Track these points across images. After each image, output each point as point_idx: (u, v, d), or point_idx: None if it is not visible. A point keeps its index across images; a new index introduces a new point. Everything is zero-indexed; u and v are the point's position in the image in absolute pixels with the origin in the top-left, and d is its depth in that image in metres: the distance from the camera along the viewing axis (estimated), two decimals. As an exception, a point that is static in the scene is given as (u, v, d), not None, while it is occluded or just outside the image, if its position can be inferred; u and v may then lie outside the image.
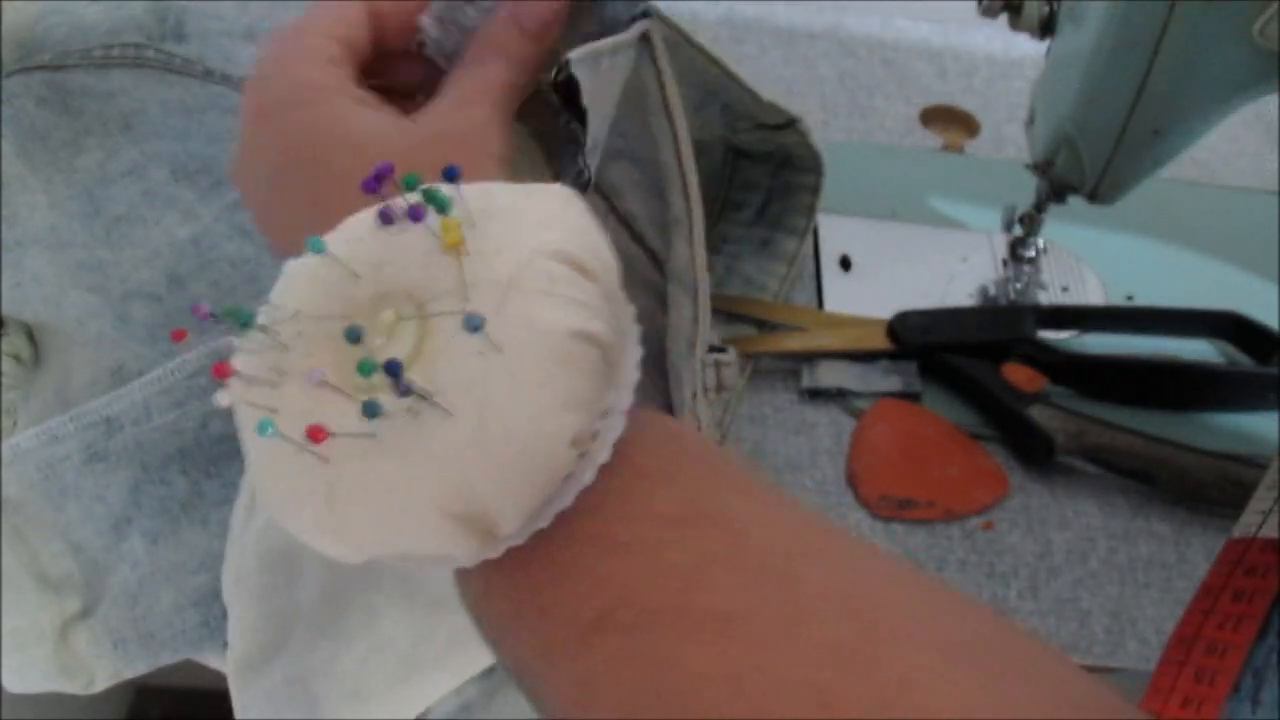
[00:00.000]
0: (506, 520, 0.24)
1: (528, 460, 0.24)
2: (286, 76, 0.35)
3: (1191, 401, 0.59)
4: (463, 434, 0.23)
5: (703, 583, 0.24)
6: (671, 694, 0.23)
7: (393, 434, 0.24)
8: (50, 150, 0.53)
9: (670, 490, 0.26)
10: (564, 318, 0.24)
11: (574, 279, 0.25)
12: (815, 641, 0.22)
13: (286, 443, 0.24)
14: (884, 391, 0.58)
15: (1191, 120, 0.50)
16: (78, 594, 0.45)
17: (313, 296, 0.26)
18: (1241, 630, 0.37)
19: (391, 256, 0.26)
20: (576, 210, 0.27)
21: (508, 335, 0.24)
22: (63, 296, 0.50)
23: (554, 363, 0.24)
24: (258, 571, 0.43)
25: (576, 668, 0.25)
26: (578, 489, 0.25)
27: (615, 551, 0.25)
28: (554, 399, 0.24)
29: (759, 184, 0.61)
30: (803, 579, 0.24)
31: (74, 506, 0.46)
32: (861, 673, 0.22)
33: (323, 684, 0.42)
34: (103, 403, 0.46)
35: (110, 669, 0.45)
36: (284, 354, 0.26)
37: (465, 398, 0.23)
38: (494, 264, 0.25)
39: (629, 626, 0.24)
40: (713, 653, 0.23)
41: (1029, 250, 0.62)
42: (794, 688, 0.22)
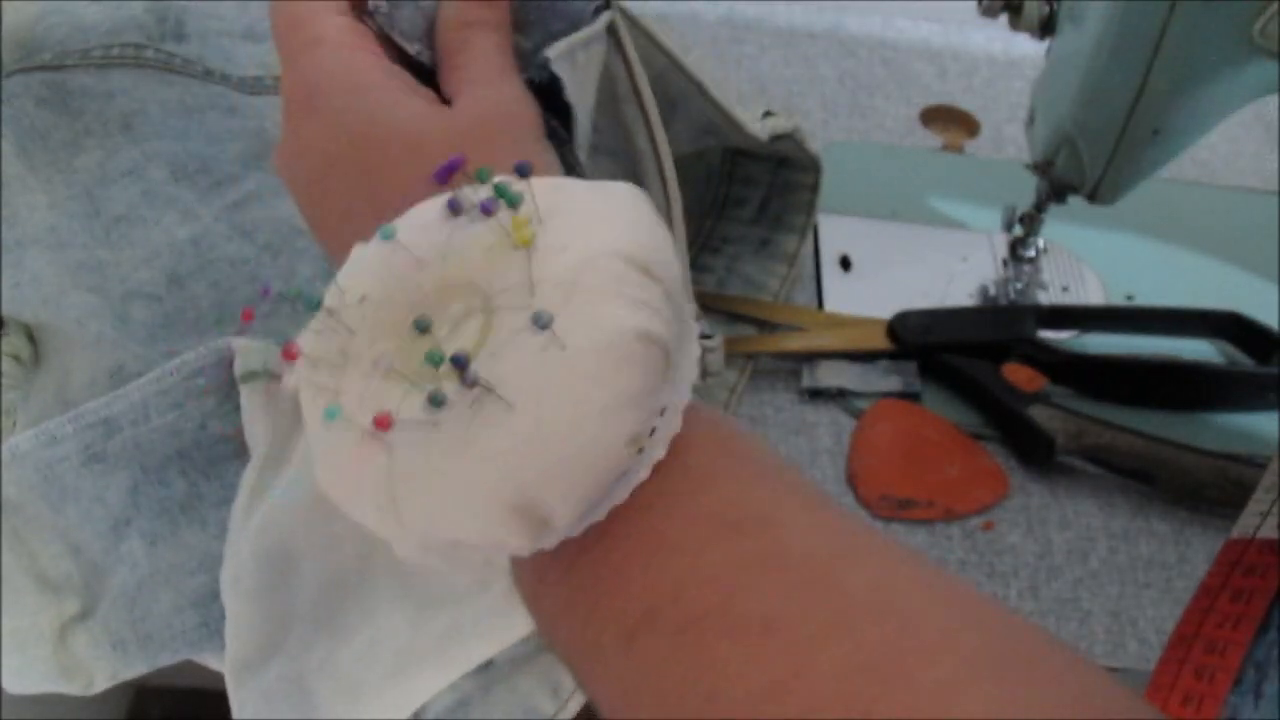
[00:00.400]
0: (562, 514, 0.25)
1: (585, 457, 0.24)
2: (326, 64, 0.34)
3: (1192, 401, 0.59)
4: (522, 428, 0.24)
5: (746, 586, 0.24)
6: (713, 697, 0.23)
7: (453, 425, 0.24)
8: (50, 150, 0.53)
9: (718, 491, 0.26)
10: (627, 318, 0.24)
11: (638, 279, 0.25)
12: (852, 649, 0.23)
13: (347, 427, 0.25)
14: (884, 391, 0.58)
15: (1191, 120, 0.50)
16: (77, 595, 0.45)
17: (379, 282, 0.27)
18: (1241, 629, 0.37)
19: (458, 247, 0.26)
20: (643, 210, 0.27)
21: (571, 333, 0.24)
22: (62, 297, 0.50)
23: (615, 362, 0.24)
24: (254, 571, 0.43)
25: (623, 664, 0.25)
26: (633, 486, 0.25)
27: (664, 550, 0.25)
28: (614, 398, 0.24)
29: (759, 180, 0.61)
30: (843, 584, 0.24)
31: (73, 508, 0.46)
32: (899, 683, 0.22)
33: (319, 682, 0.42)
34: (101, 404, 0.46)
35: (109, 670, 0.45)
36: (349, 338, 0.26)
37: (526, 393, 0.24)
38: (560, 261, 0.25)
39: (675, 627, 0.24)
40: (754, 658, 0.23)
41: (1029, 250, 0.62)
42: (832, 697, 0.22)
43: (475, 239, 0.26)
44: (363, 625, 0.43)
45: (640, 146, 0.44)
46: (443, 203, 0.27)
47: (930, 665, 0.22)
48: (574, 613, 0.26)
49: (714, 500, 0.26)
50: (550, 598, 0.27)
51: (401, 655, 0.41)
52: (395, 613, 0.42)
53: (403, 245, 0.27)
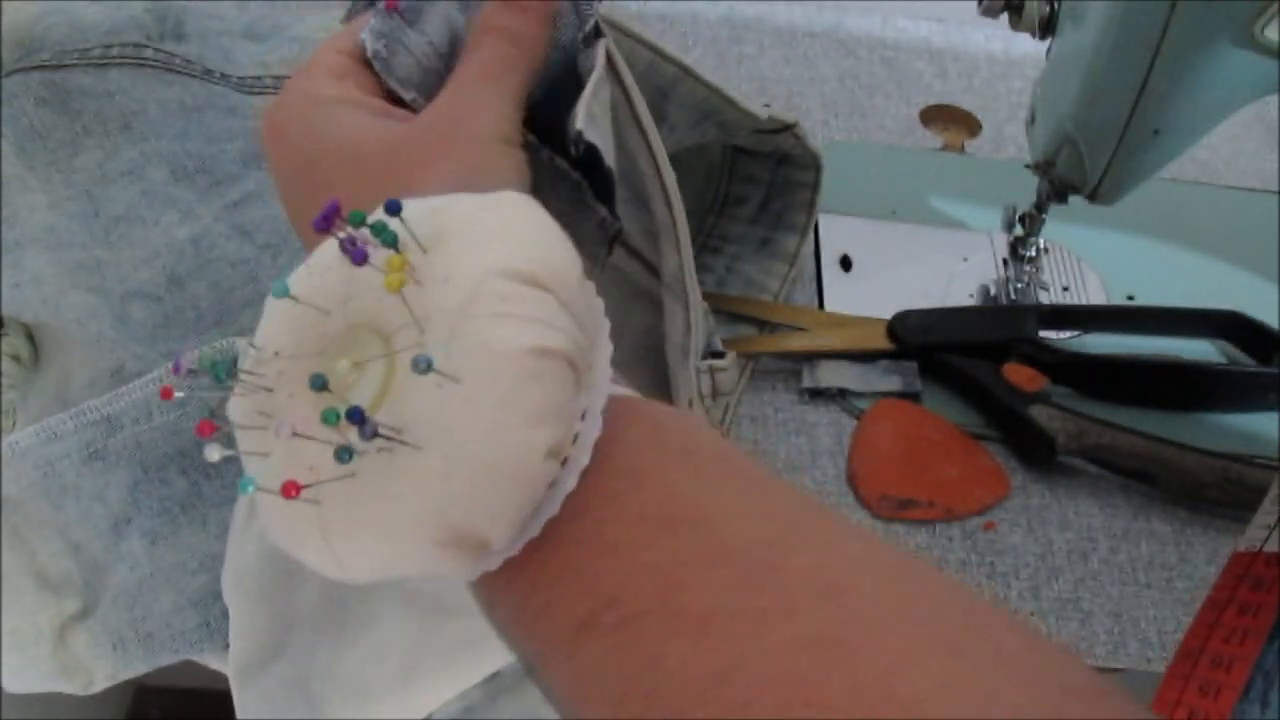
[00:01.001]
0: (495, 537, 0.25)
1: (502, 480, 0.24)
2: (293, 94, 0.35)
3: (1192, 401, 0.59)
4: (433, 466, 0.24)
5: (683, 582, 0.24)
6: (657, 692, 0.23)
7: (372, 471, 0.24)
8: (49, 150, 0.53)
9: (650, 490, 0.26)
10: (517, 337, 0.24)
11: (526, 295, 0.25)
12: (796, 634, 0.23)
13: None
14: (884, 391, 0.58)
15: (1191, 120, 0.50)
16: (77, 594, 0.45)
17: (289, 335, 0.27)
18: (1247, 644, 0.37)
19: (356, 290, 0.26)
20: (527, 218, 0.26)
21: (463, 363, 0.24)
22: (62, 297, 0.50)
23: (513, 383, 0.24)
24: (259, 573, 0.43)
25: (570, 668, 0.25)
26: (563, 495, 0.25)
27: (601, 554, 0.25)
28: (518, 418, 0.24)
29: (759, 178, 0.61)
30: (783, 570, 0.24)
31: (73, 505, 0.46)
32: (842, 664, 0.22)
33: (323, 684, 0.42)
34: (103, 401, 0.46)
35: (109, 669, 0.45)
36: (268, 397, 0.26)
37: (430, 431, 0.24)
38: (444, 293, 0.25)
39: (615, 627, 0.24)
40: (695, 650, 0.23)
41: (1030, 250, 0.62)
42: (775, 681, 0.22)
43: (369, 280, 0.26)
44: (366, 629, 0.43)
45: (643, 169, 0.44)
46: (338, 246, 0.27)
47: (876, 643, 0.22)
48: (520, 624, 0.27)
49: (646, 499, 0.26)
50: (499, 612, 0.28)
51: (410, 662, 0.41)
52: (400, 618, 0.42)
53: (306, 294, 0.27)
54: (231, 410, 0.27)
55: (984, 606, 0.24)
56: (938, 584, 0.25)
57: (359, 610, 0.43)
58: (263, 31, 0.64)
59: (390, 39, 0.37)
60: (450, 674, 0.41)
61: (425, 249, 0.26)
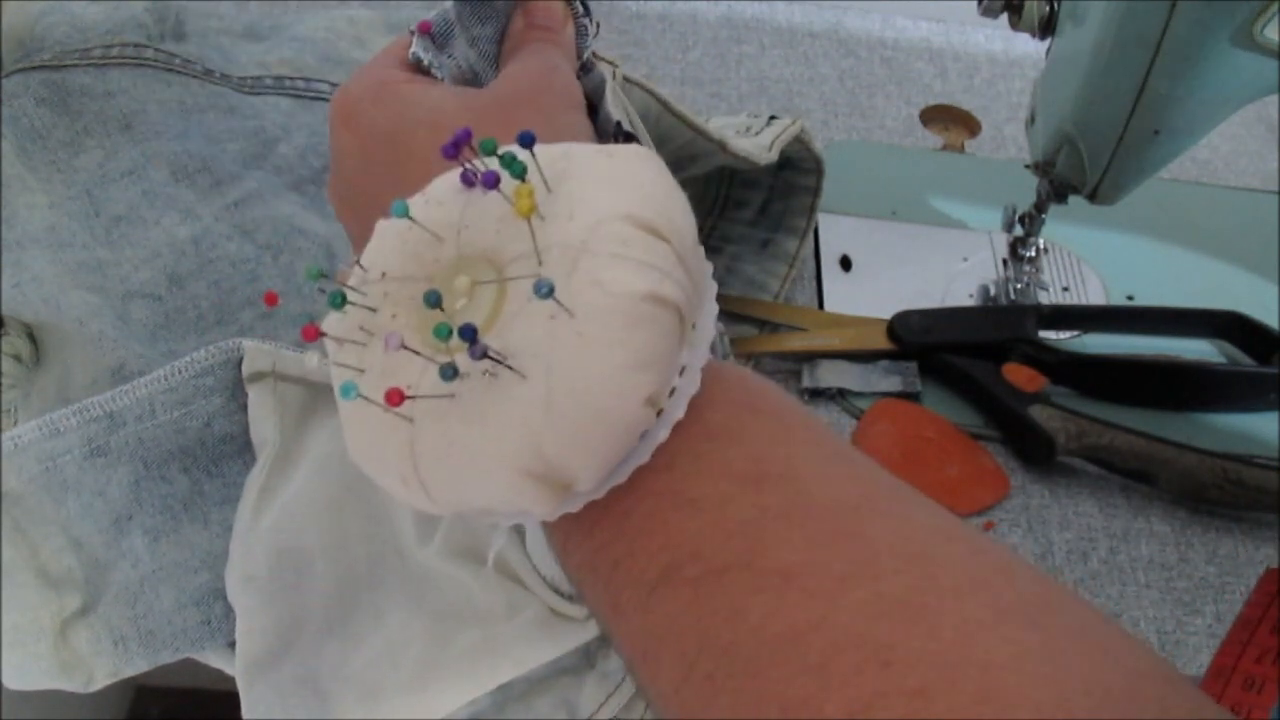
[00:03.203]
0: (584, 477, 0.25)
1: (599, 420, 0.24)
2: (362, 79, 0.36)
3: (1192, 401, 0.59)
4: (535, 396, 0.24)
5: (766, 539, 0.24)
6: (734, 646, 0.23)
7: (471, 395, 0.25)
8: (50, 150, 0.53)
9: (740, 449, 0.26)
10: (634, 280, 0.24)
11: (645, 241, 0.25)
12: (874, 595, 0.23)
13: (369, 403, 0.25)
14: (884, 391, 0.58)
15: (1191, 120, 0.50)
16: (78, 591, 0.45)
17: (398, 258, 0.27)
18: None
19: (472, 220, 0.27)
20: (652, 171, 0.27)
21: (578, 298, 0.24)
22: (63, 296, 0.50)
23: (624, 325, 0.24)
24: (267, 572, 0.43)
25: (645, 619, 0.25)
26: (654, 446, 0.25)
27: (684, 508, 0.25)
28: (624, 360, 0.24)
29: (760, 182, 0.61)
30: (864, 534, 0.24)
31: (74, 502, 0.46)
32: (921, 626, 0.22)
33: (332, 684, 0.42)
34: (106, 398, 0.46)
35: (110, 667, 0.45)
36: (372, 315, 0.27)
37: (536, 361, 0.24)
38: (566, 228, 0.25)
39: (694, 580, 0.24)
40: (774, 607, 0.23)
41: (1029, 250, 0.62)
42: (852, 640, 0.22)
43: (487, 211, 0.26)
44: (374, 630, 0.43)
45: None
46: (457, 176, 0.28)
47: (955, 608, 0.22)
48: (597, 572, 0.27)
49: (735, 457, 0.26)
50: (576, 557, 0.28)
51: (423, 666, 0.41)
52: (410, 622, 0.42)
53: (420, 220, 0.27)
54: (329, 324, 0.27)
55: (1059, 585, 0.25)
56: (1013, 559, 0.25)
57: (365, 611, 0.43)
58: (263, 31, 0.64)
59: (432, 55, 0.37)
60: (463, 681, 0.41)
61: (550, 189, 0.26)
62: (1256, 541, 0.55)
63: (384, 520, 0.44)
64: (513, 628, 0.41)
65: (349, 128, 0.35)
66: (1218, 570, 0.54)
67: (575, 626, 0.40)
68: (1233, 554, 0.54)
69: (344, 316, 0.27)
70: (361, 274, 0.28)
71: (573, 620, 0.41)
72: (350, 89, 0.36)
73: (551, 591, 0.41)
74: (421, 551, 0.43)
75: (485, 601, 0.41)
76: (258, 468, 0.46)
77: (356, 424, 0.27)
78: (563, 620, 0.41)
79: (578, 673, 0.43)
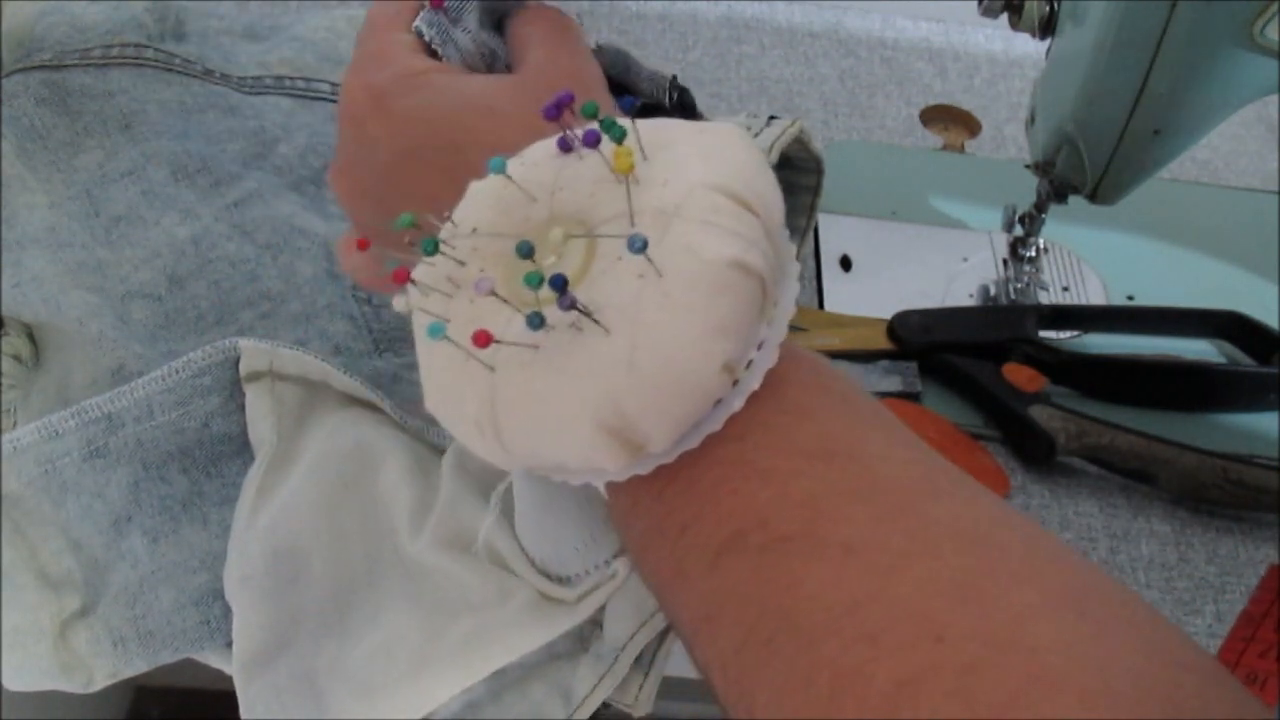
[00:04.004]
0: (657, 438, 0.25)
1: (678, 382, 0.25)
2: (386, 72, 0.36)
3: (1192, 401, 0.59)
4: (618, 352, 0.24)
5: (831, 513, 0.25)
6: (791, 613, 0.24)
7: (555, 347, 0.25)
8: (49, 150, 0.53)
9: (811, 425, 0.27)
10: (723, 247, 0.25)
11: (735, 211, 0.26)
12: (931, 573, 0.23)
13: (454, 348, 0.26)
14: (884, 391, 0.58)
15: (1191, 120, 0.50)
16: (77, 592, 0.45)
17: (490, 215, 0.28)
18: None
19: (566, 182, 0.27)
20: (744, 148, 0.27)
21: (668, 260, 0.25)
22: (62, 296, 0.50)
23: (710, 290, 0.25)
24: (264, 571, 0.43)
25: (708, 583, 0.26)
26: (727, 415, 0.26)
27: (754, 478, 0.26)
28: (707, 324, 0.25)
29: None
30: (926, 514, 0.25)
31: (73, 503, 0.46)
32: (976, 605, 0.22)
33: (329, 682, 0.42)
34: (104, 399, 0.46)
35: (109, 668, 0.45)
36: (459, 268, 0.28)
37: (622, 317, 0.25)
38: (660, 193, 0.26)
39: (759, 548, 0.25)
40: (834, 578, 0.24)
41: (1030, 250, 0.62)
42: (908, 615, 0.23)
43: (582, 173, 0.27)
44: (371, 627, 0.43)
45: None
46: (554, 141, 0.28)
47: (1009, 591, 0.23)
48: (664, 535, 0.27)
49: (806, 434, 0.26)
50: (642, 521, 0.28)
51: (417, 659, 0.41)
52: (406, 617, 0.42)
53: (515, 179, 0.28)
54: (419, 273, 0.28)
55: (1108, 577, 0.25)
56: (1066, 550, 0.25)
57: (363, 608, 0.43)
58: (263, 31, 0.64)
59: (440, 31, 0.37)
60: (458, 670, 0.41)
61: (646, 156, 0.27)
62: (1256, 541, 0.55)
63: (380, 518, 0.44)
64: (504, 614, 0.41)
65: (379, 118, 0.35)
66: (1218, 570, 0.54)
67: (566, 609, 0.40)
68: (1233, 554, 0.54)
69: (433, 269, 0.28)
70: (452, 228, 0.28)
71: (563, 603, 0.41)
72: (373, 80, 0.36)
73: (540, 575, 0.41)
74: (413, 545, 0.43)
75: (477, 590, 0.41)
76: (255, 467, 0.46)
77: (437, 369, 0.27)
78: (554, 604, 0.41)
79: (572, 657, 0.43)
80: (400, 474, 0.45)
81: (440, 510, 0.43)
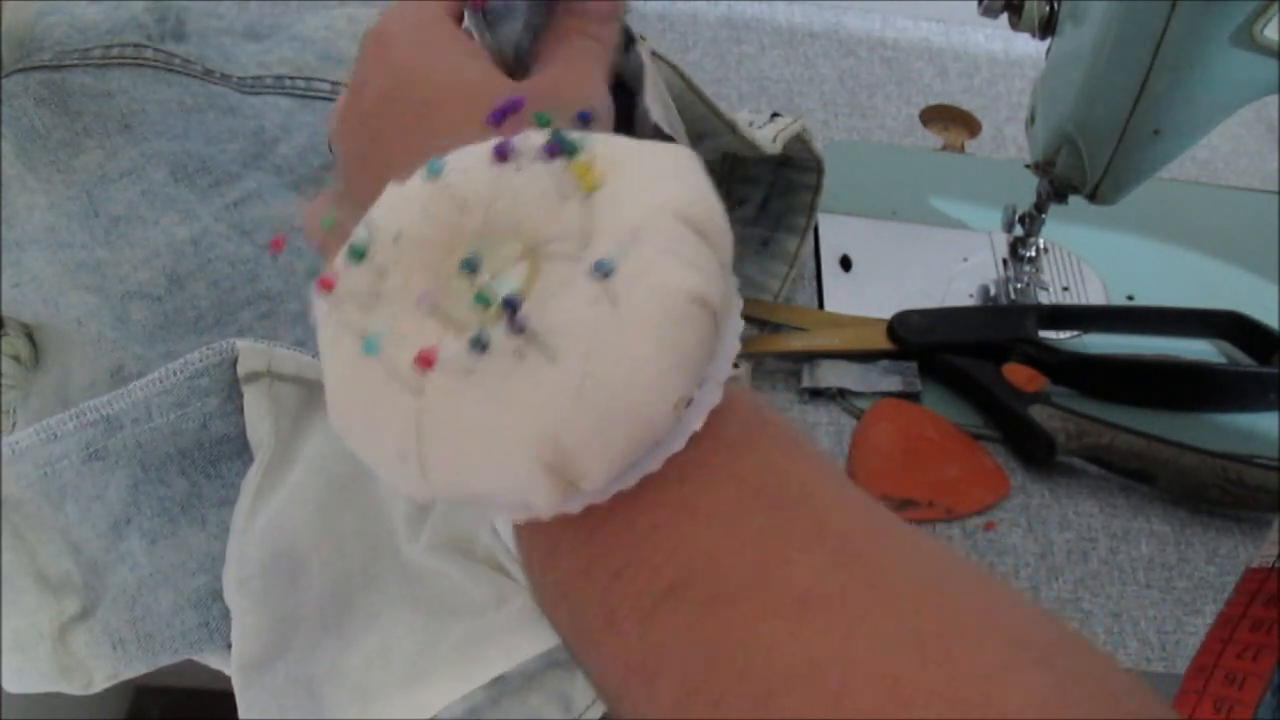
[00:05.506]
0: (594, 475, 0.24)
1: (627, 417, 0.23)
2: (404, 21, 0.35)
3: (1192, 401, 0.59)
4: (566, 381, 0.23)
5: (782, 560, 0.23)
6: (747, 672, 0.23)
7: (493, 372, 0.23)
8: (49, 150, 0.53)
9: (754, 464, 0.25)
10: (684, 279, 0.23)
11: (695, 241, 0.24)
12: (893, 631, 0.22)
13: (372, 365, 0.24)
14: (884, 391, 0.58)
15: (1191, 120, 0.50)
16: (77, 594, 0.45)
17: (418, 221, 0.26)
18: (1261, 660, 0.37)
19: (504, 193, 0.26)
20: (696, 171, 0.26)
21: (624, 288, 0.23)
22: (62, 296, 0.50)
23: (669, 323, 0.23)
24: (261, 573, 0.43)
25: (643, 635, 0.24)
26: (666, 454, 0.24)
27: (697, 520, 0.24)
28: (664, 360, 0.23)
29: (760, 179, 0.61)
30: (881, 564, 0.24)
31: (72, 506, 0.46)
32: (938, 666, 0.21)
33: (327, 685, 0.42)
34: (103, 401, 0.46)
35: (109, 670, 0.45)
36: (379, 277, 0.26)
37: (572, 345, 0.23)
38: (617, 214, 0.24)
39: (704, 599, 0.23)
40: (791, 634, 0.22)
41: (1029, 250, 0.62)
42: (871, 678, 0.22)
43: (525, 185, 0.25)
44: (369, 630, 0.43)
45: None
46: (489, 148, 0.27)
47: (973, 648, 0.22)
48: (591, 580, 0.25)
49: (750, 472, 0.25)
50: (564, 564, 0.26)
51: (415, 663, 0.41)
52: (404, 620, 0.42)
53: (446, 185, 0.26)
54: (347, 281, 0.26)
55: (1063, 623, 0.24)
56: (1020, 597, 0.25)
57: (360, 612, 0.43)
58: (263, 31, 0.64)
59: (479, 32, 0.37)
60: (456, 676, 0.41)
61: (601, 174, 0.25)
62: (1256, 541, 0.55)
63: (378, 519, 0.44)
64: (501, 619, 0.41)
65: (380, 61, 0.34)
66: (1218, 570, 0.54)
67: None
68: (1233, 554, 0.54)
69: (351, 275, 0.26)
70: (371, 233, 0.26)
71: None
72: (389, 25, 0.35)
73: None
74: (411, 548, 0.43)
75: (474, 594, 0.41)
76: (253, 468, 0.46)
77: (354, 387, 0.25)
78: None
79: (570, 666, 0.43)
80: (399, 475, 0.45)
81: (437, 513, 0.43)
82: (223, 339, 0.47)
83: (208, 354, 0.46)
